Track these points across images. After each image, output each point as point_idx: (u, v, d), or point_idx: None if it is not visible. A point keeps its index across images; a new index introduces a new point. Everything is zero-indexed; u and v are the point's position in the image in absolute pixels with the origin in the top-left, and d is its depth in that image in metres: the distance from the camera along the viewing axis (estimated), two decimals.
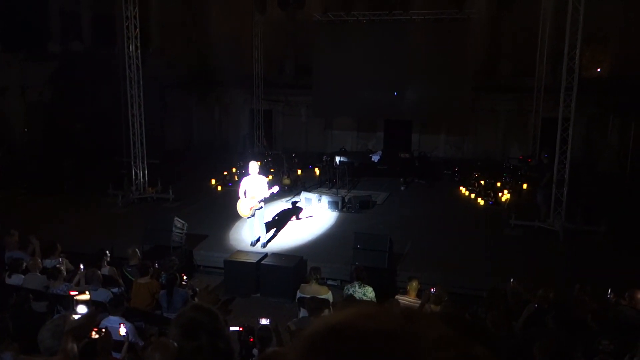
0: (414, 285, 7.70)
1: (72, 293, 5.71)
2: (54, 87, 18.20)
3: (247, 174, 10.94)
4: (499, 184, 15.50)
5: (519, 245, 11.35)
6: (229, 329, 4.43)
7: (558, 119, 11.85)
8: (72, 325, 3.72)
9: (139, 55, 14.27)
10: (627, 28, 18.11)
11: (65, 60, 18.66)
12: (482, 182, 15.82)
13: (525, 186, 15.55)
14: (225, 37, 22.09)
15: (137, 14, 14.08)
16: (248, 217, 10.83)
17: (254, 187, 10.62)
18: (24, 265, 8.02)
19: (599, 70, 20.07)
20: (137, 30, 14.12)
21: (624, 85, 17.32)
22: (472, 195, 15.11)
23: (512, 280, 7.65)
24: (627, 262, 10.00)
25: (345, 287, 7.99)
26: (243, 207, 10.65)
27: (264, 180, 10.87)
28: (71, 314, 4.22)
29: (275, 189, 11.06)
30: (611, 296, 7.17)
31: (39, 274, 7.83)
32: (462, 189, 15.78)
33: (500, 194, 14.78)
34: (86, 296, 5.04)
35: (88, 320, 4.34)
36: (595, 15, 15.26)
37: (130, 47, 14.11)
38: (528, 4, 17.45)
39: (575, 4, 11.23)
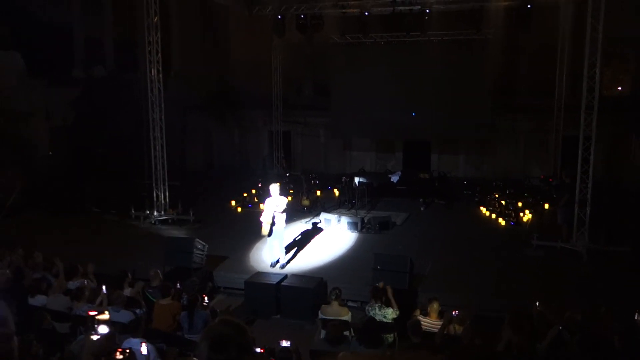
0: (434, 306, 7.63)
1: (92, 313, 5.71)
2: (78, 112, 18.57)
3: (268, 195, 11.01)
4: (520, 204, 15.35)
5: (542, 266, 11.17)
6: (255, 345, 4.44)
7: (579, 138, 11.76)
8: (91, 346, 3.76)
9: (161, 79, 14.54)
10: None
11: (88, 85, 19.07)
12: (503, 202, 15.68)
13: (547, 206, 15.37)
14: (245, 60, 22.43)
15: (159, 39, 14.37)
16: (267, 235, 10.81)
17: (275, 207, 10.70)
18: (45, 286, 8.12)
19: (619, 88, 19.90)
20: (159, 55, 14.41)
21: None
22: (493, 216, 14.97)
23: (537, 303, 7.53)
24: None
25: (366, 309, 7.95)
26: (264, 216, 10.66)
27: (285, 200, 10.95)
28: (91, 334, 4.26)
29: (282, 205, 11.04)
30: (638, 318, 7.02)
31: (62, 295, 7.92)
32: (483, 209, 15.65)
33: (521, 214, 14.63)
34: (106, 316, 5.06)
35: (107, 341, 4.37)
36: (615, 33, 15.23)
37: (152, 71, 14.39)
38: (546, 23, 17.44)
39: (594, 23, 11.21)
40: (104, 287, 7.97)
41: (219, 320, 2.20)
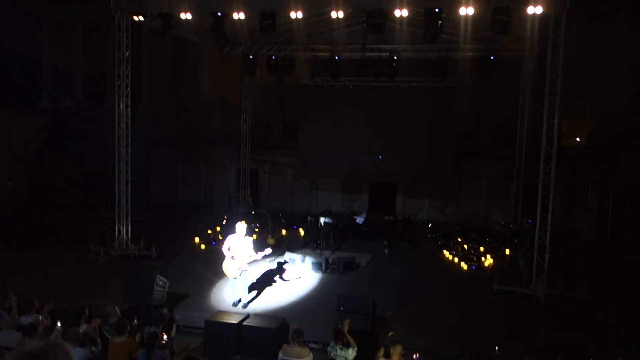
0: (397, 349, 7.61)
1: None
2: (41, 143, 18.29)
3: (232, 232, 10.93)
4: (482, 249, 15.60)
5: (502, 310, 11.31)
6: None
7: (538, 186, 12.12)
8: None
9: (129, 113, 14.47)
10: (604, 98, 18.77)
11: (54, 116, 18.86)
12: (465, 246, 15.92)
13: (507, 251, 15.65)
14: (214, 97, 22.57)
15: (130, 74, 14.36)
16: (233, 278, 10.75)
17: (238, 247, 10.58)
18: None
19: (578, 139, 20.66)
20: (129, 89, 14.38)
21: (602, 154, 17.83)
22: (456, 260, 15.15)
23: (496, 347, 7.62)
24: (608, 328, 10.04)
25: (328, 350, 7.89)
26: (230, 267, 10.57)
27: (250, 241, 10.86)
28: None
29: (268, 251, 11.07)
30: None
31: (14, 331, 7.64)
32: (446, 253, 15.84)
33: (483, 259, 14.85)
34: None
35: None
36: (574, 86, 15.95)
37: (121, 105, 14.32)
38: (509, 74, 18.13)
39: (552, 76, 11.73)
40: (59, 323, 7.73)
41: (184, 356, 2.21)
